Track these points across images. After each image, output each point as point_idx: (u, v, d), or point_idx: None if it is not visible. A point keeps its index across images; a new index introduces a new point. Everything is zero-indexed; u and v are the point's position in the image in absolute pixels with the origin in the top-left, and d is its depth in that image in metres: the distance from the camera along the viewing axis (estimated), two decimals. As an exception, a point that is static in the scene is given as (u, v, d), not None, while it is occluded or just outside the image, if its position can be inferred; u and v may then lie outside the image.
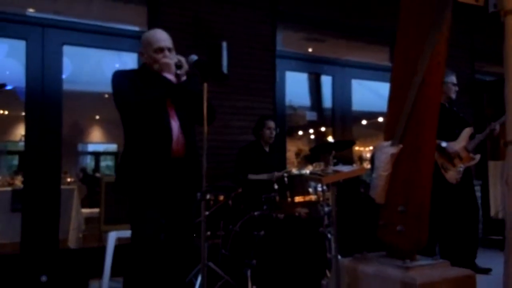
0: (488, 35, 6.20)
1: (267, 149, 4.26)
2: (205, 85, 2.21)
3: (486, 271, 4.05)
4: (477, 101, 6.35)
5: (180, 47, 2.75)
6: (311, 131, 9.98)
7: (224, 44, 4.47)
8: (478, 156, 3.94)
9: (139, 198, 2.37)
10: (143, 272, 2.33)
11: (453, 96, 4.10)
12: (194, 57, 2.32)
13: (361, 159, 10.34)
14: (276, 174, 3.79)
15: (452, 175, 3.88)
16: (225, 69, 4.41)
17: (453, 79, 4.09)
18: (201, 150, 2.30)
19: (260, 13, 5.00)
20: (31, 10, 4.41)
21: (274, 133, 4.24)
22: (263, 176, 3.93)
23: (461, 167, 3.86)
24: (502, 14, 1.87)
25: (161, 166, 2.37)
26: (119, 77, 2.47)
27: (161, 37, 2.50)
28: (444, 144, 3.84)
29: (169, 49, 2.49)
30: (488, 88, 6.51)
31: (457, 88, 4.12)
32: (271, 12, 5.07)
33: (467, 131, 3.92)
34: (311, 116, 8.12)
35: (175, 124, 2.45)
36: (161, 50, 2.46)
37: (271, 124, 4.23)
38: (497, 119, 3.95)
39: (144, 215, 2.36)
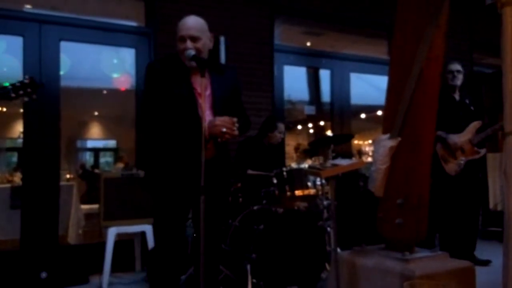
0: (486, 27, 6.19)
1: (267, 144, 4.25)
2: (203, 80, 2.19)
3: (486, 262, 4.06)
4: (476, 93, 6.35)
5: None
6: (310, 125, 9.98)
7: (222, 39, 4.46)
8: (483, 151, 3.92)
9: (167, 195, 2.35)
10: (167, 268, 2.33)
11: (451, 83, 4.08)
12: (191, 52, 2.30)
13: (360, 153, 10.34)
14: (275, 172, 3.79)
15: (452, 167, 3.88)
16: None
17: (450, 66, 4.09)
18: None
19: (257, 7, 4.99)
20: (28, 6, 4.40)
21: (282, 136, 4.23)
22: (262, 173, 3.93)
23: (462, 159, 3.86)
24: (499, 5, 1.87)
25: (191, 167, 2.30)
26: (151, 79, 2.37)
27: (186, 25, 2.36)
28: (444, 135, 3.84)
29: (192, 38, 2.34)
30: (486, 80, 6.51)
31: (454, 75, 4.08)
32: (268, 6, 5.06)
33: (474, 125, 3.90)
34: (310, 110, 8.09)
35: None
36: (182, 39, 2.34)
37: (283, 128, 4.21)
38: (496, 111, 3.94)
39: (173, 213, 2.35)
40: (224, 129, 2.26)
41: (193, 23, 2.38)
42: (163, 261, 2.34)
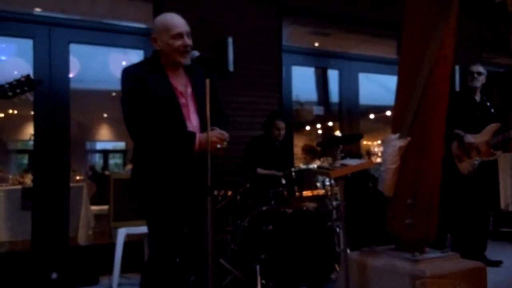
0: (496, 26, 6.14)
1: (276, 142, 4.24)
2: (207, 81, 2.18)
3: (497, 263, 4.02)
4: (486, 92, 6.29)
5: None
6: (318, 126, 9.96)
7: (230, 40, 4.47)
8: (499, 153, 3.90)
9: (157, 198, 2.28)
10: (160, 270, 2.29)
11: (471, 84, 4.09)
12: (195, 53, 2.29)
13: (369, 153, 10.28)
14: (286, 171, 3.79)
15: (465, 166, 3.87)
16: (231, 64, 4.40)
17: (471, 68, 4.09)
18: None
19: (265, 8, 4.99)
20: (37, 9, 4.43)
21: (282, 133, 4.20)
22: (272, 172, 3.92)
23: (477, 160, 3.84)
24: (509, 3, 1.86)
25: (177, 165, 2.28)
26: (130, 83, 2.27)
27: (179, 22, 2.33)
28: (462, 134, 3.83)
29: (188, 34, 2.32)
30: (496, 80, 6.44)
31: (474, 76, 4.09)
32: (276, 6, 5.05)
33: (492, 127, 3.89)
34: (318, 110, 8.11)
35: (192, 126, 2.33)
36: (180, 36, 2.29)
37: (281, 124, 4.15)
38: (507, 110, 3.92)
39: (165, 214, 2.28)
40: (219, 146, 2.23)
41: (183, 20, 2.35)
42: (159, 269, 2.29)
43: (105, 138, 12.18)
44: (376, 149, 10.32)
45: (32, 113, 4.16)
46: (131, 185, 2.36)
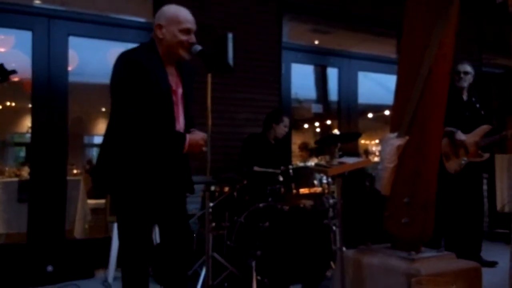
0: (496, 27, 6.13)
1: (272, 141, 4.25)
2: (209, 76, 2.17)
3: (492, 264, 4.04)
4: (485, 93, 6.29)
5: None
6: (316, 124, 9.94)
7: (230, 36, 4.45)
8: (487, 155, 3.91)
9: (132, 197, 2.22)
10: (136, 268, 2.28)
11: (458, 84, 4.07)
12: (198, 48, 2.28)
13: (367, 152, 10.28)
14: (282, 168, 3.79)
15: (452, 165, 3.87)
16: (230, 60, 4.39)
17: (458, 67, 4.09)
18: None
19: (266, 5, 4.98)
20: (37, 1, 4.41)
21: (287, 130, 4.24)
22: (269, 170, 3.92)
23: (464, 159, 3.85)
24: (510, 4, 1.85)
25: (160, 164, 2.26)
26: (131, 72, 2.17)
27: (190, 17, 2.30)
28: (454, 130, 3.83)
29: (194, 32, 2.31)
30: (495, 81, 6.45)
31: (461, 76, 4.07)
32: (277, 3, 5.05)
33: (483, 128, 3.90)
34: (317, 108, 8.08)
35: (179, 126, 2.32)
36: (188, 32, 2.27)
37: (288, 121, 4.23)
38: (504, 112, 3.92)
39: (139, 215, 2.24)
40: (204, 148, 2.22)
41: (193, 18, 2.33)
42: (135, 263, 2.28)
43: (103, 132, 12.12)
44: (374, 148, 10.33)
45: (30, 105, 4.14)
46: (101, 176, 2.29)
